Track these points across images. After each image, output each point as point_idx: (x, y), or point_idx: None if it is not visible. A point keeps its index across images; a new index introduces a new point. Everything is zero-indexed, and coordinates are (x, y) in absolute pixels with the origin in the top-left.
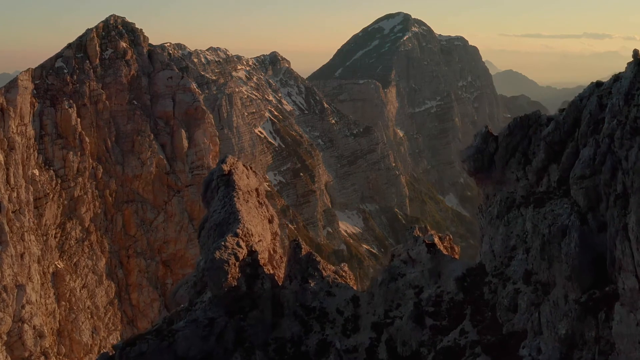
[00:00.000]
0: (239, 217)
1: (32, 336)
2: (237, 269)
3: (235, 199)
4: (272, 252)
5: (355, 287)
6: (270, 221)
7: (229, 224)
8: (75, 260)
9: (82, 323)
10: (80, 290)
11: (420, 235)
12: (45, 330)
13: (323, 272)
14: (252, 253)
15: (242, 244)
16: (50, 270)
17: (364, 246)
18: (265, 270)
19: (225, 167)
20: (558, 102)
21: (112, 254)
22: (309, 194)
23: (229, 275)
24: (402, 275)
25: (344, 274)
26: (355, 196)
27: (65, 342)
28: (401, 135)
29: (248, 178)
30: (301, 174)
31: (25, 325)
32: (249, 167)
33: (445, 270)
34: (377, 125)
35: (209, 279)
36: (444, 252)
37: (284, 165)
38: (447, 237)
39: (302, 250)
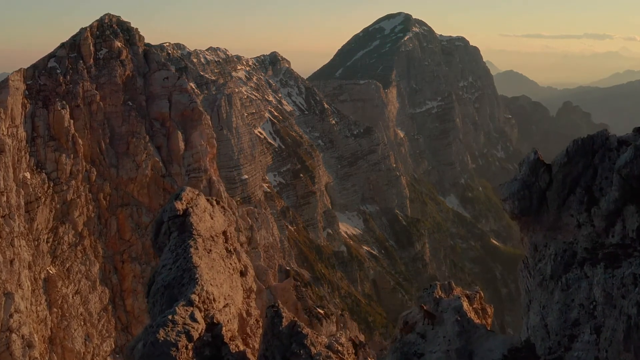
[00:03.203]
0: (196, 275)
1: (20, 346)
2: (191, 353)
3: (192, 249)
4: (244, 316)
5: None
6: (243, 274)
7: (182, 286)
8: (67, 265)
9: (75, 330)
10: (72, 297)
11: (444, 296)
12: (35, 339)
13: (312, 348)
14: (213, 327)
15: (199, 315)
16: (42, 276)
17: (365, 247)
18: (232, 347)
19: (180, 205)
20: (559, 103)
21: (106, 259)
22: (309, 195)
23: None
24: (419, 356)
25: (339, 347)
26: (355, 197)
27: (57, 349)
28: (402, 135)
29: (212, 218)
30: (301, 175)
31: (14, 334)
32: (215, 203)
33: (480, 349)
34: (377, 125)
35: None
36: (476, 319)
37: (283, 166)
38: (478, 296)
39: (284, 319)
